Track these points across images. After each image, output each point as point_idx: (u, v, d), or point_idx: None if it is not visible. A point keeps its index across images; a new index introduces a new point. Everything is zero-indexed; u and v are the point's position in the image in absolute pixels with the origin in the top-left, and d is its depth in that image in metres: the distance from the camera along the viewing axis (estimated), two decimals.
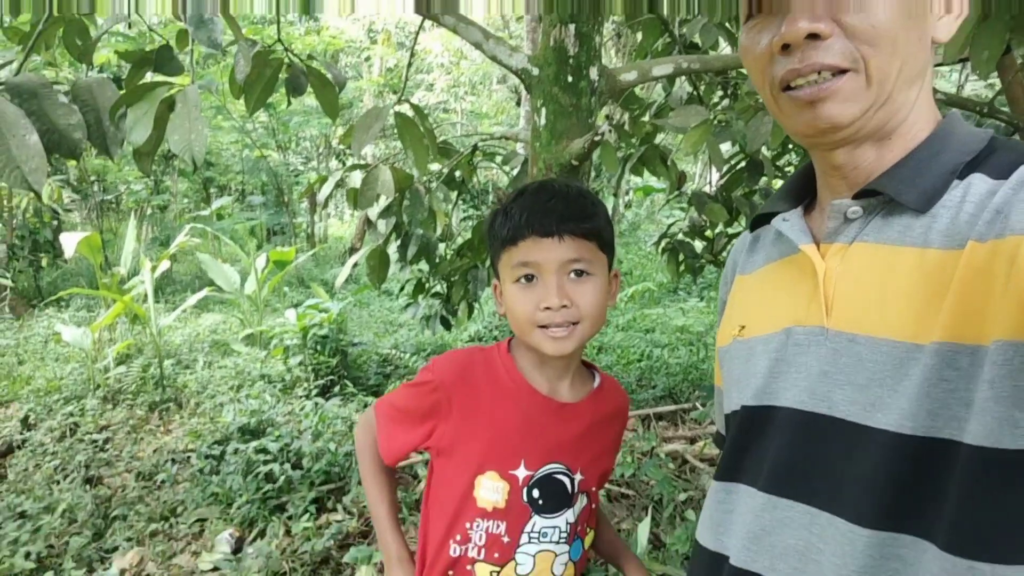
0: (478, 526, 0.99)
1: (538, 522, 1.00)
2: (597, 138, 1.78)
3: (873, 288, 0.64)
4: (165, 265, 5.56)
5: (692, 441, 3.57)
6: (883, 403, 0.62)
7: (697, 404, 3.07)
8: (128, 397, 4.36)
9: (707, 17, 3.23)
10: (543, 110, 2.02)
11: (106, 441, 3.75)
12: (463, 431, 1.00)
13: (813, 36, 0.63)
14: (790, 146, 4.01)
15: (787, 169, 4.14)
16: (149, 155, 1.87)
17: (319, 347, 4.66)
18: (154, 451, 3.63)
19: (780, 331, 0.72)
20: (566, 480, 1.02)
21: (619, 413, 1.12)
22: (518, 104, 14.31)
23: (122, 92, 1.72)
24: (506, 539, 0.99)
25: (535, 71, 2.02)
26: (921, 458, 0.59)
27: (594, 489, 1.07)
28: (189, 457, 3.49)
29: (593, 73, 2.01)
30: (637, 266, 9.25)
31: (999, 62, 2.17)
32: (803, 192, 0.79)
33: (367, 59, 15.23)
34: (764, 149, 3.58)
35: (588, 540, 1.09)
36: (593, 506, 1.08)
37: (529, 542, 1.00)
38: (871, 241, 0.66)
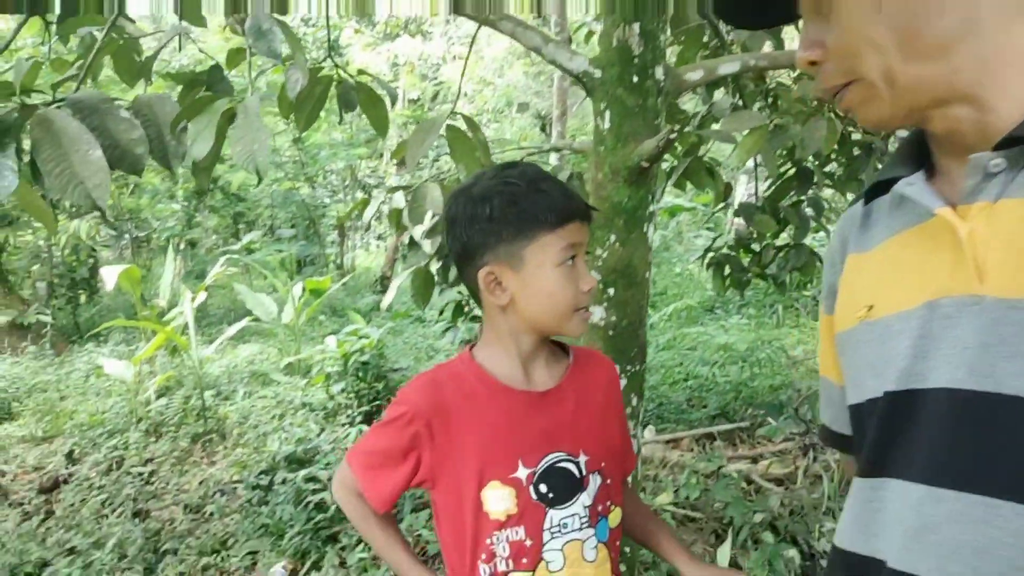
0: (498, 539, 0.97)
1: (555, 516, 0.98)
2: (672, 136, 1.70)
3: None
4: (202, 297, 5.56)
5: (755, 460, 3.42)
6: None
7: (768, 421, 2.94)
8: (171, 429, 4.32)
9: None
10: (607, 113, 1.95)
11: (151, 474, 3.70)
12: (451, 453, 0.98)
13: (814, 63, 0.66)
14: (833, 156, 3.89)
15: (837, 175, 4.01)
16: (207, 170, 1.83)
17: (360, 374, 4.59)
18: (200, 483, 3.57)
19: (921, 305, 0.64)
20: (571, 466, 1.00)
21: (606, 381, 1.11)
22: (542, 129, 14.37)
23: (183, 107, 1.68)
24: (529, 542, 0.97)
25: (597, 73, 1.95)
26: None
27: (604, 465, 1.04)
28: (236, 488, 3.42)
29: (659, 72, 1.93)
30: (671, 285, 9.10)
31: None
32: (920, 156, 0.71)
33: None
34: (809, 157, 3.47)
35: (614, 518, 1.05)
36: (609, 482, 1.04)
37: (552, 538, 0.98)
38: (1021, 196, 0.59)
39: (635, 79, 1.90)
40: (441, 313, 4.31)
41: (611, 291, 2.01)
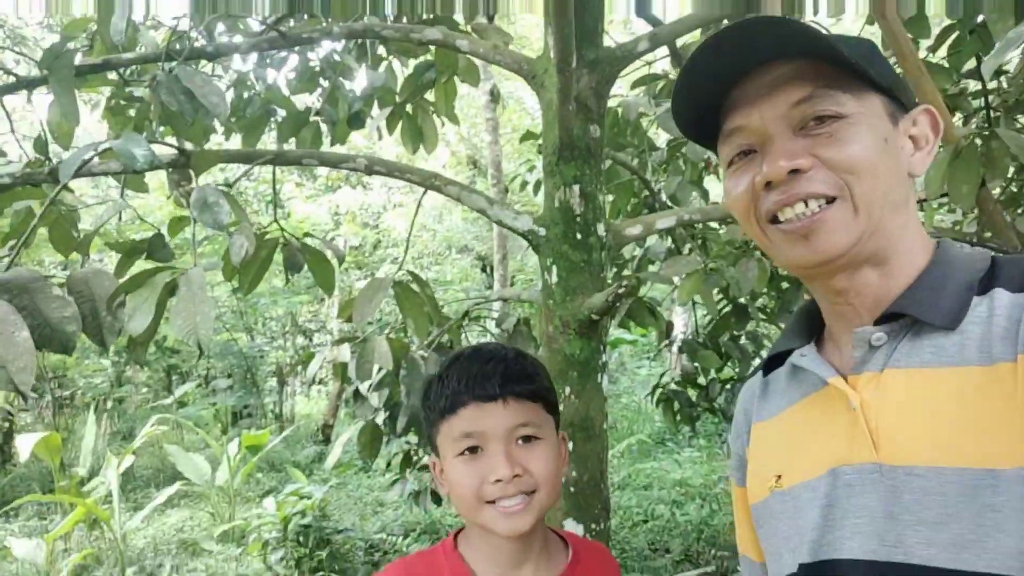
0: None
1: None
2: (622, 290, 1.74)
3: (919, 415, 0.61)
4: (129, 460, 5.20)
5: None
6: (970, 542, 0.56)
7: (731, 566, 2.83)
8: None
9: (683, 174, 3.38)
10: (553, 268, 2.00)
11: None
12: None
13: (795, 172, 0.65)
14: (764, 289, 4.08)
15: (769, 308, 4.17)
16: (144, 344, 1.75)
17: (301, 539, 4.28)
18: None
19: (825, 474, 0.66)
20: None
21: None
22: (483, 270, 14.69)
23: (122, 280, 1.63)
24: None
25: (542, 231, 2.02)
26: None
27: None
28: None
29: (600, 229, 2.01)
30: (620, 420, 9.05)
31: (977, 195, 2.26)
32: (810, 328, 0.76)
33: (332, 240, 15.63)
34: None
35: None
36: None
37: None
38: (903, 367, 0.64)
39: (578, 236, 1.97)
40: (388, 465, 4.12)
41: (570, 445, 1.96)
